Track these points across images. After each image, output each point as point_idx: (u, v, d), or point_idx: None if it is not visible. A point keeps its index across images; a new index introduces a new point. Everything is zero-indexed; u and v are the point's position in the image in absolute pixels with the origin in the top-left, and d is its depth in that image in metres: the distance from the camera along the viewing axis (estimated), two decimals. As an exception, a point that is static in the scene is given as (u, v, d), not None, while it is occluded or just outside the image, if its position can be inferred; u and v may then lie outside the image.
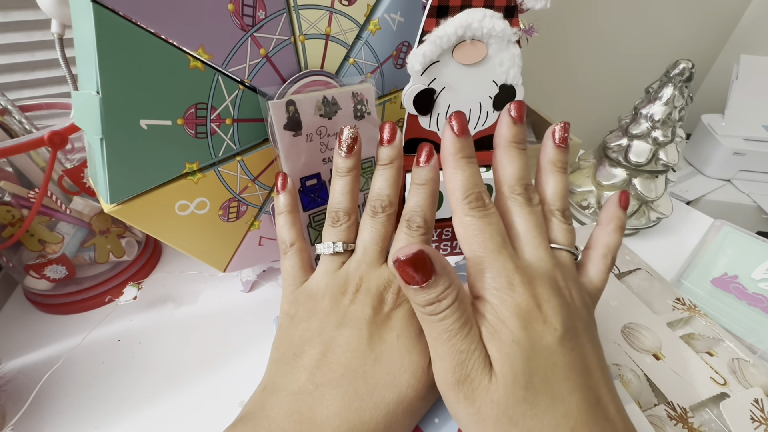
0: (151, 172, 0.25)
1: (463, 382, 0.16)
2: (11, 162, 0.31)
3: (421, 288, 0.16)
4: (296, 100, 0.27)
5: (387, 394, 0.17)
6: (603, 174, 0.44)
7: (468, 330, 0.17)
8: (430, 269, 0.16)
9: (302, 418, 0.17)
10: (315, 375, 0.18)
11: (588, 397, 0.16)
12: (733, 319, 0.33)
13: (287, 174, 0.27)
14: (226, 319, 0.34)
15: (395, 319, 0.19)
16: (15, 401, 0.28)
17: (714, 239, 0.41)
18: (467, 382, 0.16)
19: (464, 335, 0.16)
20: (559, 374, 0.16)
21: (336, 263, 0.22)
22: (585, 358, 0.17)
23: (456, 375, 0.16)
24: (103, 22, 0.20)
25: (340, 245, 0.22)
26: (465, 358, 0.16)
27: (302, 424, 0.17)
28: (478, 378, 0.16)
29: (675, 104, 0.39)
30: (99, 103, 0.21)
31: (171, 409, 0.28)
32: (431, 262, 0.16)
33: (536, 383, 0.16)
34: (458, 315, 0.16)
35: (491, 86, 0.32)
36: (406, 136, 0.34)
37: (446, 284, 0.16)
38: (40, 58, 0.46)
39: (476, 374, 0.16)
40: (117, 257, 0.36)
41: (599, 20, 0.97)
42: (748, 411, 0.25)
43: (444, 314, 0.16)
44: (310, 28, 0.28)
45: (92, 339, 0.31)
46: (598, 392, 0.17)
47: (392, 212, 0.22)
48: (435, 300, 0.16)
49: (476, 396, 0.16)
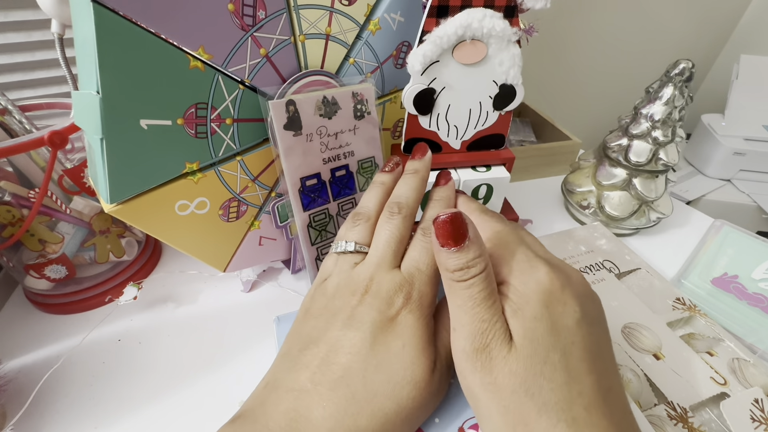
0: (151, 171, 0.25)
1: (482, 350, 0.16)
2: (11, 162, 0.31)
3: (455, 251, 0.17)
4: (296, 100, 0.27)
5: (386, 404, 0.17)
6: (603, 174, 0.44)
7: (492, 302, 0.17)
8: (465, 233, 0.17)
9: (299, 417, 0.17)
10: (315, 374, 0.18)
11: (601, 381, 0.17)
12: (733, 319, 0.33)
13: (287, 174, 0.27)
14: (226, 319, 0.34)
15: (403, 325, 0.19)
16: (15, 401, 0.28)
17: (714, 239, 0.41)
18: (486, 351, 0.16)
19: (489, 305, 0.17)
20: (576, 354, 0.17)
21: (348, 263, 0.21)
22: (600, 345, 0.18)
23: (476, 343, 0.17)
24: (103, 22, 0.20)
25: (351, 244, 0.22)
26: (487, 328, 0.17)
27: (298, 422, 0.17)
28: (497, 348, 0.16)
29: (675, 104, 0.39)
30: (99, 102, 0.21)
31: (171, 408, 0.28)
32: (467, 227, 0.17)
33: (554, 359, 0.16)
34: (485, 285, 0.17)
35: (491, 86, 0.32)
36: (406, 136, 0.34)
37: (477, 252, 0.17)
38: (40, 58, 0.46)
39: (496, 344, 0.16)
40: (117, 257, 0.36)
41: (599, 20, 0.97)
42: (748, 411, 0.25)
43: (472, 282, 0.17)
44: (310, 28, 0.28)
45: (92, 339, 0.31)
46: (610, 380, 0.17)
47: (408, 215, 0.22)
48: (465, 266, 0.17)
49: (494, 365, 0.16)
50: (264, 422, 0.17)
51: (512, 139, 0.60)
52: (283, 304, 0.35)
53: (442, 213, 0.17)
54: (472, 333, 0.17)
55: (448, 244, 0.17)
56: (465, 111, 0.33)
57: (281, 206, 0.32)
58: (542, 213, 0.48)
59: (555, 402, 0.15)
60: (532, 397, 0.16)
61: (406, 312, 0.19)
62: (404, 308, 0.19)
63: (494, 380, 0.16)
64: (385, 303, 0.19)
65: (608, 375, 0.17)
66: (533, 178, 0.55)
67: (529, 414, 0.15)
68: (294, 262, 0.36)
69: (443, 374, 0.20)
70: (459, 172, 0.35)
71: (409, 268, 0.20)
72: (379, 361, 0.18)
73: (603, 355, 0.18)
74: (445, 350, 0.20)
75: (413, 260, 0.20)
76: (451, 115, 0.33)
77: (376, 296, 0.19)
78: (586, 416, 0.15)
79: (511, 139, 0.60)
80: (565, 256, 0.39)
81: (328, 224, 0.32)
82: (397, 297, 0.19)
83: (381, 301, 0.19)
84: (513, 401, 0.16)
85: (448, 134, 0.34)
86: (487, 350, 0.16)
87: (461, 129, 0.34)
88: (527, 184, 0.54)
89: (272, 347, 0.31)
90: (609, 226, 0.44)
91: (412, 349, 0.18)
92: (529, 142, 0.60)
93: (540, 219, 0.47)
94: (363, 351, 0.18)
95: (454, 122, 0.33)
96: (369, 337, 0.18)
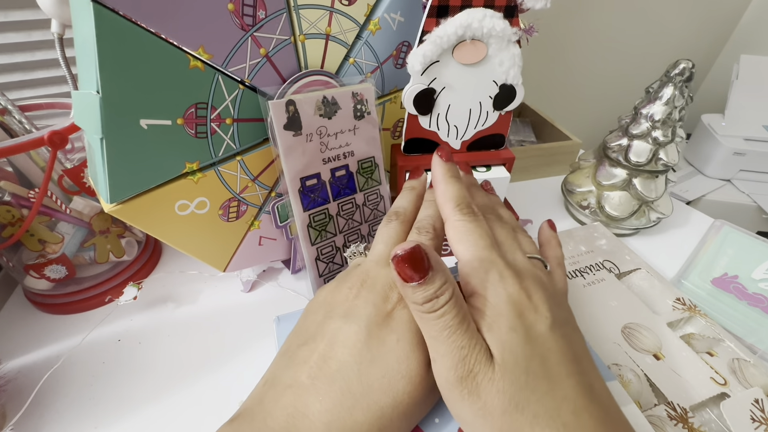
0: (151, 171, 0.25)
1: (466, 377, 0.16)
2: (11, 162, 0.31)
3: (419, 285, 0.16)
4: (296, 100, 0.27)
5: (382, 398, 0.17)
6: (603, 174, 0.44)
7: (467, 325, 0.17)
8: (426, 265, 0.16)
9: (296, 412, 0.17)
10: (312, 368, 0.18)
11: (582, 382, 0.17)
12: (733, 319, 0.33)
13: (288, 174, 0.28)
14: (226, 319, 0.34)
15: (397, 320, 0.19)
16: (15, 401, 0.28)
17: (714, 239, 0.41)
18: (470, 377, 0.16)
19: (464, 330, 0.17)
20: (554, 359, 0.17)
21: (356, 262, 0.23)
22: (573, 346, 0.18)
23: (459, 372, 0.16)
24: (103, 22, 0.20)
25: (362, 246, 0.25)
26: (467, 353, 0.16)
27: (295, 418, 0.17)
28: (482, 371, 0.16)
29: (675, 104, 0.39)
30: (99, 102, 0.21)
31: (171, 408, 0.28)
32: (428, 257, 0.17)
33: (535, 368, 0.16)
34: (456, 311, 0.17)
35: (491, 86, 0.32)
36: (406, 136, 0.34)
37: (443, 280, 0.17)
38: (40, 58, 0.46)
39: (480, 367, 0.16)
40: (117, 257, 0.36)
41: (599, 20, 0.97)
42: (749, 411, 0.25)
43: (443, 310, 0.17)
44: (311, 28, 0.28)
45: (92, 339, 0.31)
46: (590, 378, 0.18)
47: (405, 220, 0.24)
48: (433, 296, 0.17)
49: (481, 389, 0.16)
50: (262, 419, 0.17)
51: (512, 139, 0.60)
52: (283, 304, 0.35)
53: (398, 249, 0.17)
54: (453, 362, 0.16)
55: (411, 278, 0.16)
56: (465, 111, 0.33)
57: (281, 206, 0.32)
58: (542, 213, 0.48)
59: (544, 412, 0.16)
60: (523, 411, 0.16)
61: (401, 308, 0.19)
62: (399, 304, 0.19)
63: (484, 405, 0.16)
64: (381, 298, 0.19)
65: (587, 373, 0.18)
66: (533, 178, 0.55)
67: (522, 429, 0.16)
68: (294, 262, 0.36)
69: None
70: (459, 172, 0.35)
71: None
72: (373, 355, 0.18)
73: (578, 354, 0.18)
74: None
75: None
76: (451, 115, 0.33)
77: (371, 290, 0.20)
78: (575, 420, 0.16)
79: (511, 139, 0.60)
80: (565, 256, 0.39)
81: (328, 224, 0.32)
82: (392, 292, 0.20)
83: (376, 295, 0.19)
84: (505, 421, 0.16)
85: (448, 134, 0.34)
86: (471, 375, 0.16)
87: (461, 129, 0.34)
88: (527, 184, 0.54)
89: (272, 347, 0.31)
90: (609, 226, 0.44)
91: (406, 344, 0.18)
92: (529, 142, 0.60)
93: (540, 219, 0.47)
94: (358, 344, 0.18)
95: (454, 122, 0.33)
96: (364, 330, 0.18)
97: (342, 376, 0.18)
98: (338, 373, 0.18)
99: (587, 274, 0.36)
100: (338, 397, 0.17)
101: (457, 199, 0.21)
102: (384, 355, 0.18)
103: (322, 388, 0.17)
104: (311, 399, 0.17)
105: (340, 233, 0.33)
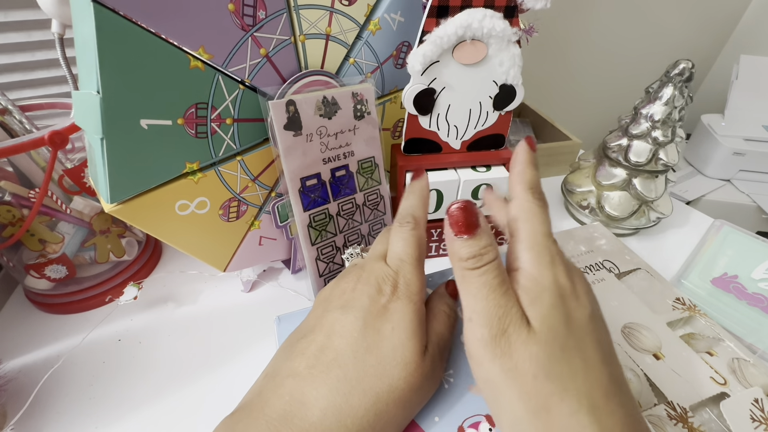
0: (151, 171, 0.25)
1: (501, 336, 0.17)
2: (12, 162, 0.31)
3: (468, 238, 0.18)
4: (296, 100, 0.27)
5: (377, 384, 0.18)
6: (603, 174, 0.44)
7: (506, 288, 0.17)
8: (476, 222, 0.18)
9: (293, 401, 0.17)
10: (310, 359, 0.19)
11: (613, 373, 0.17)
12: (733, 318, 0.33)
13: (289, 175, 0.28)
14: (226, 319, 0.34)
15: (392, 311, 0.19)
16: (15, 401, 0.28)
17: (714, 239, 0.41)
18: (505, 336, 0.16)
19: (503, 292, 0.17)
20: (590, 345, 0.17)
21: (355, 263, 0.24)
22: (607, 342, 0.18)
23: (494, 329, 0.17)
24: (103, 22, 0.20)
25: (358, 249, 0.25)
26: (503, 313, 0.17)
27: (292, 405, 0.17)
28: (516, 332, 0.16)
29: (675, 104, 0.39)
30: (99, 102, 0.21)
31: (171, 408, 0.28)
32: (478, 216, 0.18)
33: (571, 345, 0.17)
34: (498, 272, 0.18)
35: (491, 86, 0.32)
36: (406, 136, 0.34)
37: (489, 240, 0.18)
38: (40, 58, 0.46)
39: (514, 329, 0.17)
40: (117, 257, 0.36)
41: (599, 20, 0.97)
42: (748, 411, 0.25)
43: (485, 269, 0.17)
44: (311, 28, 0.28)
45: (92, 339, 0.32)
46: (620, 373, 0.18)
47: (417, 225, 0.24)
48: (478, 253, 0.17)
49: (514, 350, 0.16)
50: (260, 408, 0.18)
51: (512, 139, 0.60)
52: (283, 304, 0.35)
53: (455, 202, 0.18)
54: (489, 319, 0.17)
55: (462, 232, 0.18)
56: (465, 111, 0.33)
57: (281, 206, 0.32)
58: (542, 213, 0.48)
59: (575, 388, 0.16)
60: (554, 381, 0.16)
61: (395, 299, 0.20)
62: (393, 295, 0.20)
63: (515, 365, 0.16)
64: (375, 290, 0.20)
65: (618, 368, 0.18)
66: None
67: (551, 399, 0.16)
68: (294, 262, 0.36)
69: (435, 360, 0.20)
70: (459, 172, 0.35)
71: (393, 260, 0.21)
72: (369, 343, 0.19)
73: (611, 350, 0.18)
74: (436, 337, 0.20)
75: (394, 252, 0.21)
76: (451, 115, 0.33)
77: (367, 282, 0.20)
78: (605, 404, 0.16)
79: (511, 139, 0.60)
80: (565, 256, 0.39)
81: (328, 224, 0.32)
82: (385, 285, 0.20)
83: (371, 287, 0.20)
84: (534, 387, 0.16)
85: (448, 134, 0.34)
86: (506, 335, 0.16)
87: (461, 129, 0.34)
88: (527, 184, 0.54)
89: (272, 347, 0.31)
90: (609, 226, 0.44)
91: (401, 332, 0.19)
92: (529, 142, 0.60)
93: (540, 219, 0.47)
94: (354, 334, 0.19)
95: (454, 122, 0.33)
96: (360, 321, 0.19)
97: (338, 364, 0.18)
98: (334, 362, 0.18)
99: (587, 274, 0.36)
100: (334, 384, 0.18)
101: (531, 183, 0.21)
102: (379, 343, 0.19)
103: (318, 377, 0.18)
104: (308, 387, 0.18)
105: (341, 233, 0.33)
